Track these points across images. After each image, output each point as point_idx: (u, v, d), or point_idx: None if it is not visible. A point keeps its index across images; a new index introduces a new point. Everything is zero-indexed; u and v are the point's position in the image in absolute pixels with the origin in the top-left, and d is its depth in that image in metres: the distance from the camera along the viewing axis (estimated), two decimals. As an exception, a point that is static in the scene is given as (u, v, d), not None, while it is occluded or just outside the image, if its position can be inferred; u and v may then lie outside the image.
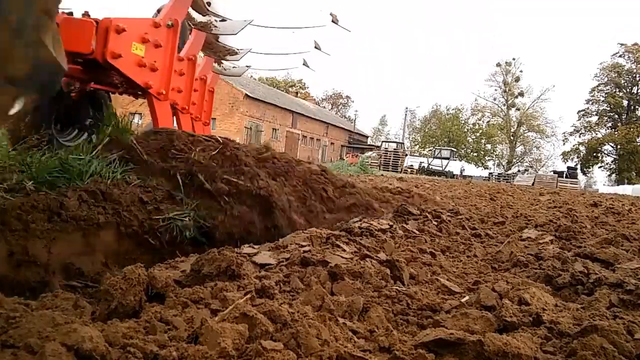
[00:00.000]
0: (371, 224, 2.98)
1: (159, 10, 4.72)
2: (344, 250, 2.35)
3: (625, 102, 57.58)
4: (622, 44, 55.81)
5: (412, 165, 42.18)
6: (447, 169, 40.33)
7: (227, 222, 3.00)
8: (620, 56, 56.58)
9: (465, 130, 69.08)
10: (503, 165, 66.22)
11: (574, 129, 59.89)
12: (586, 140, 58.17)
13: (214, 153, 3.29)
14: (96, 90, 4.47)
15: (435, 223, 3.67)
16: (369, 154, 44.57)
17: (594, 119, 59.19)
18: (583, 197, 12.80)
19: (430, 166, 40.66)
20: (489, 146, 68.85)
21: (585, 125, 59.11)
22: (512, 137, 67.98)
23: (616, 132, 55.15)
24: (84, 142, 3.82)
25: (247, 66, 6.85)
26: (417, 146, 71.18)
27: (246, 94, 36.64)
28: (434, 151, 46.89)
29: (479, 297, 1.75)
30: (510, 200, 8.48)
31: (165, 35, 4.16)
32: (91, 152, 3.12)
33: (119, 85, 4.32)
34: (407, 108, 68.63)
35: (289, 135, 44.67)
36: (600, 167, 59.79)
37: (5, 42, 1.07)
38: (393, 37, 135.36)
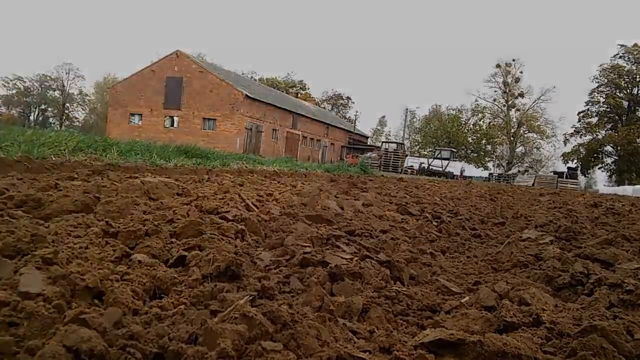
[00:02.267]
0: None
1: None
2: (344, 251, 2.35)
3: (625, 103, 57.43)
4: (622, 45, 55.78)
5: (412, 166, 42.04)
6: (447, 170, 40.24)
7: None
8: (620, 57, 56.49)
9: (466, 131, 68.94)
10: (503, 166, 66.10)
11: (574, 130, 59.79)
12: (586, 142, 58.03)
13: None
14: None
15: (436, 224, 3.67)
16: (369, 154, 44.47)
17: (594, 120, 59.06)
18: (583, 197, 12.78)
19: (431, 167, 40.54)
20: (489, 147, 68.71)
21: (586, 126, 58.97)
22: (512, 138, 67.87)
23: (616, 133, 55.00)
24: None
25: None
26: (418, 147, 71.09)
27: (246, 95, 36.56)
28: (434, 152, 46.76)
29: (479, 298, 1.75)
30: (510, 201, 8.48)
31: None
32: None
33: None
34: (407, 108, 68.64)
35: (289, 136, 44.64)
36: (600, 168, 59.67)
37: None
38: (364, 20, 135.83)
